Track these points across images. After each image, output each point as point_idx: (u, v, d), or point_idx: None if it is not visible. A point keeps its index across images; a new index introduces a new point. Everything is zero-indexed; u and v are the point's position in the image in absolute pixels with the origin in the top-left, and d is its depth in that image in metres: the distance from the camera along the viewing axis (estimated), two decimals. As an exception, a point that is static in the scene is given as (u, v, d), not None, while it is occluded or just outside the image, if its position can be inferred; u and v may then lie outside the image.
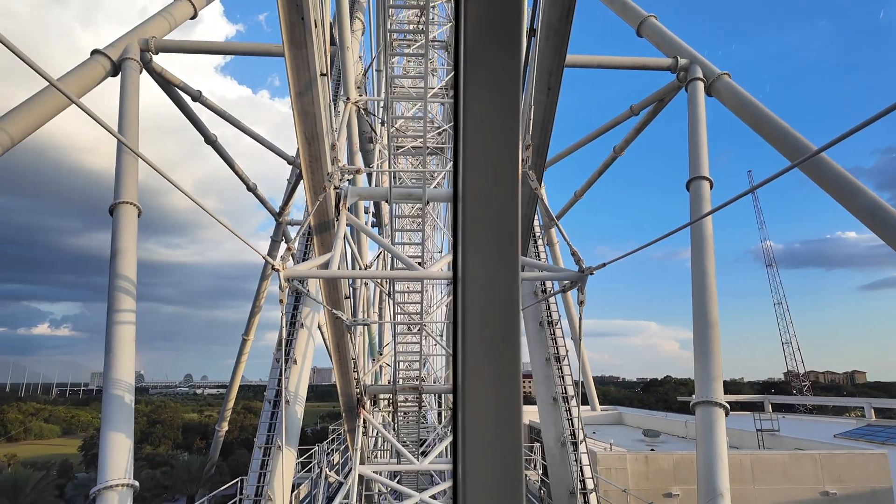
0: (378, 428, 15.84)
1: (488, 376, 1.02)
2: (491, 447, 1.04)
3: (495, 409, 1.02)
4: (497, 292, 1.01)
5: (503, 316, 1.01)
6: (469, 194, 1.01)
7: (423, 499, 13.29)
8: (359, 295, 17.30)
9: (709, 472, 10.82)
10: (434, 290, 32.67)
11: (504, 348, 1.02)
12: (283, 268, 7.73)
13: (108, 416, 10.41)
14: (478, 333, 1.02)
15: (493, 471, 1.03)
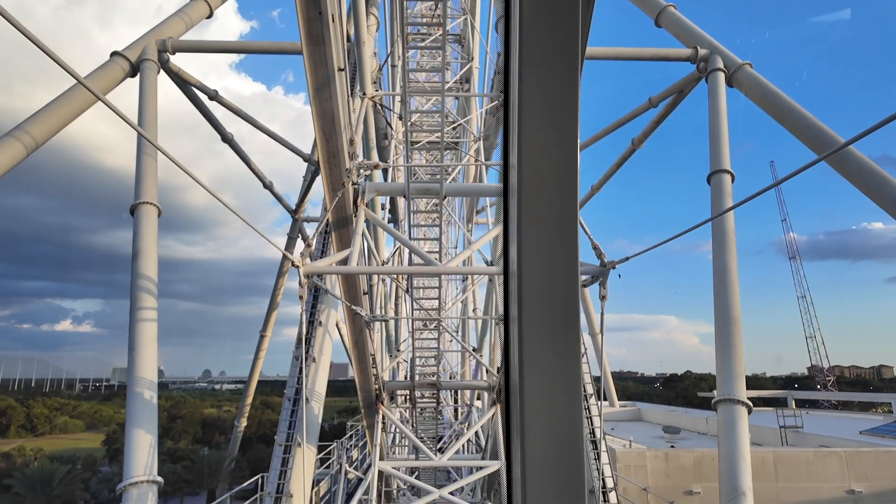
0: (397, 423, 15.93)
1: (548, 377, 0.98)
2: (552, 450, 1.00)
3: (556, 411, 0.99)
4: (557, 287, 0.97)
5: (563, 312, 0.98)
6: (525, 185, 0.97)
7: (442, 495, 13.35)
8: (376, 292, 17.38)
9: (731, 470, 10.67)
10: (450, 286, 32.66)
11: (565, 346, 0.99)
12: (303, 264, 7.75)
13: (132, 414, 10.59)
14: (536, 331, 0.98)
15: (554, 475, 0.99)
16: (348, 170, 9.33)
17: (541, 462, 1.00)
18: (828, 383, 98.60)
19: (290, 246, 39.73)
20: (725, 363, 12.29)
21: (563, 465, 0.99)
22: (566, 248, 0.98)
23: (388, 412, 15.36)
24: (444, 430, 25.48)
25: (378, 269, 12.18)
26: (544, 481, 0.98)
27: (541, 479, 0.98)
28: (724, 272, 13.49)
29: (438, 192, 11.67)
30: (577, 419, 1.00)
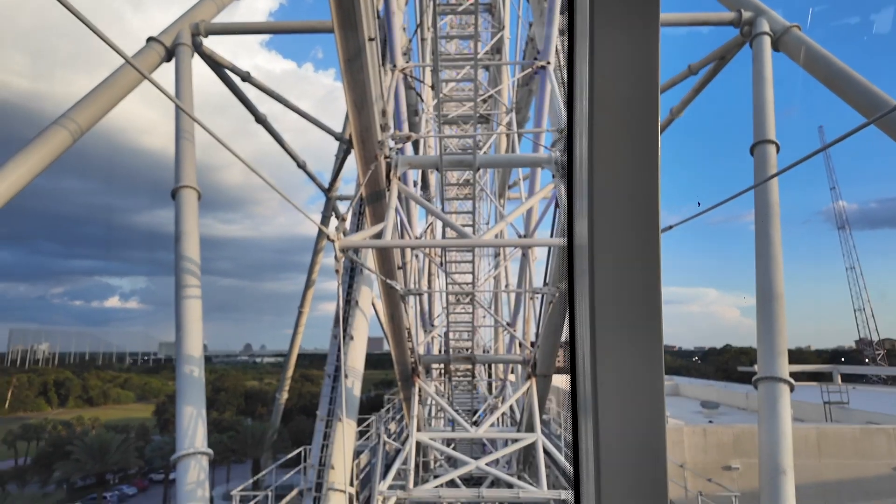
0: (433, 396, 16.26)
1: (626, 361, 0.91)
2: (630, 444, 0.92)
3: (634, 400, 0.91)
4: (636, 259, 0.91)
5: (643, 290, 0.91)
6: (598, 151, 0.89)
7: (478, 466, 13.63)
8: (409, 267, 17.58)
9: (771, 449, 10.50)
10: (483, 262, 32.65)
11: (645, 328, 0.91)
12: (338, 238, 7.86)
13: (181, 390, 11.13)
14: (613, 310, 0.91)
15: (632, 474, 0.91)
16: (381, 142, 9.32)
17: (617, 456, 0.91)
18: (877, 357, 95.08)
19: (325, 224, 40.39)
20: (767, 340, 11.98)
21: (645, 461, 0.90)
22: (647, 217, 0.91)
23: (424, 385, 15.65)
24: (479, 403, 25.83)
25: (412, 243, 12.26)
26: (622, 480, 0.90)
27: (618, 477, 0.90)
28: (766, 246, 13.05)
29: (472, 164, 11.55)
30: (659, 405, 0.92)
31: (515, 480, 14.23)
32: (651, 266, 0.92)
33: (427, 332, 22.25)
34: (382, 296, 12.05)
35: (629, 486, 0.90)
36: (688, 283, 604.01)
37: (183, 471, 10.40)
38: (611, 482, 0.90)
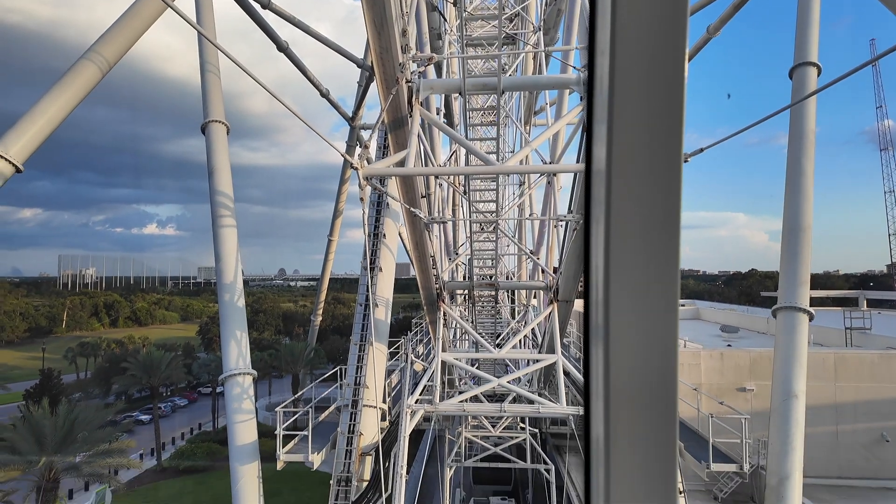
0: (457, 319, 16.86)
1: (640, 289, 0.89)
2: (641, 369, 0.91)
3: (647, 327, 0.90)
4: (654, 190, 0.86)
5: (661, 218, 0.87)
6: (619, 72, 0.85)
7: (501, 383, 14.33)
8: (433, 196, 17.75)
9: (785, 375, 10.86)
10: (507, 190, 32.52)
11: (661, 257, 0.88)
12: (362, 166, 7.90)
13: (224, 316, 12.00)
14: (628, 237, 0.88)
15: (642, 397, 0.91)
16: (401, 64, 9.13)
17: (627, 379, 0.91)
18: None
19: (349, 153, 40.38)
20: (790, 269, 12.00)
21: (655, 385, 0.90)
22: (669, 143, 0.86)
23: (449, 310, 16.30)
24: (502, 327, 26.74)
25: (434, 170, 12.24)
26: (631, 402, 0.91)
27: (628, 400, 0.91)
28: (797, 176, 12.76)
29: (496, 87, 11.27)
30: (672, 332, 0.89)
31: (536, 397, 14.98)
32: (671, 194, 0.87)
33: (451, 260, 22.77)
34: (407, 224, 12.26)
35: (638, 408, 0.92)
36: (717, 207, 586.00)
37: (230, 388, 11.48)
38: (619, 404, 0.92)
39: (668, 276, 0.90)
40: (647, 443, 0.93)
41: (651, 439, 0.93)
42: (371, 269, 12.82)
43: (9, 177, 12.48)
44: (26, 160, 12.59)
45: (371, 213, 14.08)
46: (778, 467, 10.07)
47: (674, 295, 0.90)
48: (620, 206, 0.89)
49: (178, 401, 60.64)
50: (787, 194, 12.73)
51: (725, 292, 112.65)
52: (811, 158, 12.94)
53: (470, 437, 21.81)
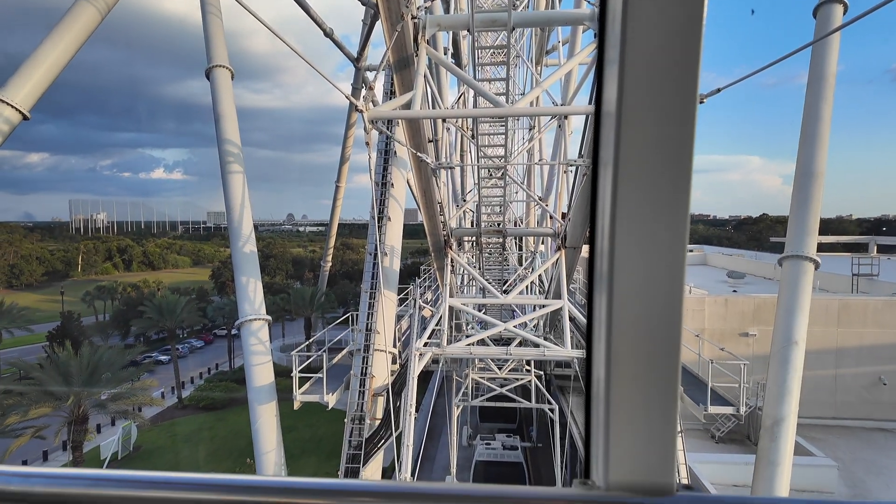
0: (464, 266, 16.94)
1: (646, 235, 0.89)
2: (645, 315, 0.91)
3: (652, 274, 0.89)
4: (666, 133, 0.85)
5: (672, 164, 0.86)
6: (632, 4, 0.83)
7: (507, 328, 14.61)
8: (441, 141, 17.47)
9: (787, 322, 11.03)
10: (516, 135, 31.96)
11: (670, 203, 0.87)
12: (367, 109, 7.77)
13: (238, 264, 12.27)
14: (636, 182, 0.87)
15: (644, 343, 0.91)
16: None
17: (632, 324, 0.92)
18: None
19: (355, 96, 39.57)
20: (799, 218, 11.93)
21: (659, 331, 0.91)
22: (684, 84, 0.84)
23: (457, 256, 16.42)
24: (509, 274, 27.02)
25: (441, 113, 11.93)
26: (634, 347, 0.92)
27: (630, 345, 0.92)
28: (814, 121, 12.45)
29: (506, 23, 10.77)
30: (679, 279, 0.89)
31: (541, 341, 15.28)
32: (684, 138, 0.86)
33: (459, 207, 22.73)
34: (414, 171, 12.15)
35: (640, 354, 0.93)
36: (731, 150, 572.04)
37: (246, 334, 11.91)
38: (621, 349, 0.93)
39: (677, 223, 0.88)
40: (648, 388, 0.93)
41: (652, 384, 0.93)
42: (379, 219, 12.92)
43: (16, 124, 12.46)
44: (32, 107, 12.54)
45: (378, 161, 14.01)
46: (773, 410, 10.45)
47: (682, 243, 0.89)
48: (630, 149, 0.87)
49: (195, 342, 62.74)
50: (802, 140, 12.49)
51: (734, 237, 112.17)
52: (829, 103, 12.58)
53: (477, 378, 22.60)
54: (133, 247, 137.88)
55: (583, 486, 0.98)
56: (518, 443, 23.56)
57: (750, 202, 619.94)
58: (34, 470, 0.98)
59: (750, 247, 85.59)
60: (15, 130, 12.55)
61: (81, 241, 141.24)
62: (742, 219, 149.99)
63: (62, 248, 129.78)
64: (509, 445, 22.60)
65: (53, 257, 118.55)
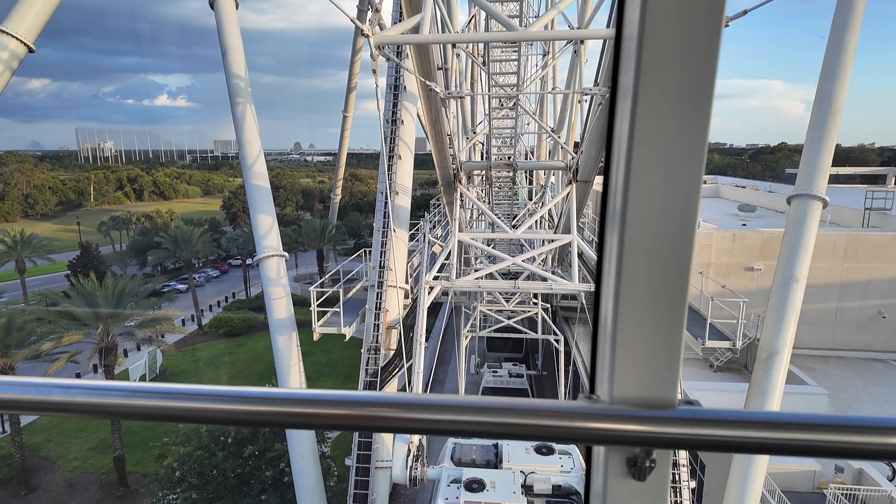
0: (474, 201, 16.91)
1: (662, 167, 0.87)
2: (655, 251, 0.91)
3: (665, 210, 0.89)
4: (689, 59, 0.83)
5: (693, 89, 0.84)
6: None
7: (515, 262, 14.80)
8: (451, 67, 16.88)
9: (790, 259, 11.24)
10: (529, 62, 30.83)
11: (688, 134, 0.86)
12: (373, 33, 7.38)
13: (253, 202, 12.55)
14: (656, 109, 0.85)
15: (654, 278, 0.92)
16: None
17: (643, 260, 0.92)
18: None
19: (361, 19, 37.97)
20: (812, 156, 11.82)
21: (668, 267, 0.92)
22: (709, 6, 0.81)
23: (466, 191, 16.38)
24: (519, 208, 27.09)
25: (452, 38, 11.50)
26: (644, 283, 0.93)
27: (640, 280, 0.92)
28: (837, 53, 11.99)
29: None
30: (692, 214, 0.89)
31: (549, 275, 15.57)
32: (707, 65, 0.84)
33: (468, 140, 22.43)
34: (422, 101, 11.82)
35: (649, 289, 0.94)
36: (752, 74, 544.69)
37: (264, 269, 12.40)
38: (630, 284, 0.94)
39: (695, 157, 0.87)
40: (655, 313, 0.95)
41: (660, 311, 0.94)
42: (389, 158, 12.98)
43: (23, 58, 12.31)
44: (37, 38, 12.35)
45: (388, 96, 13.83)
46: (769, 344, 10.92)
47: (697, 177, 0.88)
48: (651, 76, 0.84)
49: (211, 272, 64.43)
50: (822, 76, 12.12)
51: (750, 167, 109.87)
52: (856, 33, 12.07)
53: (485, 310, 23.36)
54: (143, 176, 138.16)
55: (587, 399, 1.01)
56: (524, 371, 24.62)
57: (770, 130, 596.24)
58: (73, 382, 1.04)
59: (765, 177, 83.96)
60: (15, 60, 12.36)
61: (92, 171, 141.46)
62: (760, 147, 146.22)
63: (73, 178, 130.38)
64: (515, 373, 23.63)
65: (65, 187, 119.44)
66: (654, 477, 0.99)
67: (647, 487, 1.00)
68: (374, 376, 11.97)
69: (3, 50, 11.76)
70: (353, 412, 0.97)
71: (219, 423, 1.03)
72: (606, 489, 1.02)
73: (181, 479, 17.06)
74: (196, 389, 1.00)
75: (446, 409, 0.96)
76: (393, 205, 12.70)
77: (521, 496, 9.15)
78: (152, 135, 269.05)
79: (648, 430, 0.92)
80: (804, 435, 0.89)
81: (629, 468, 0.98)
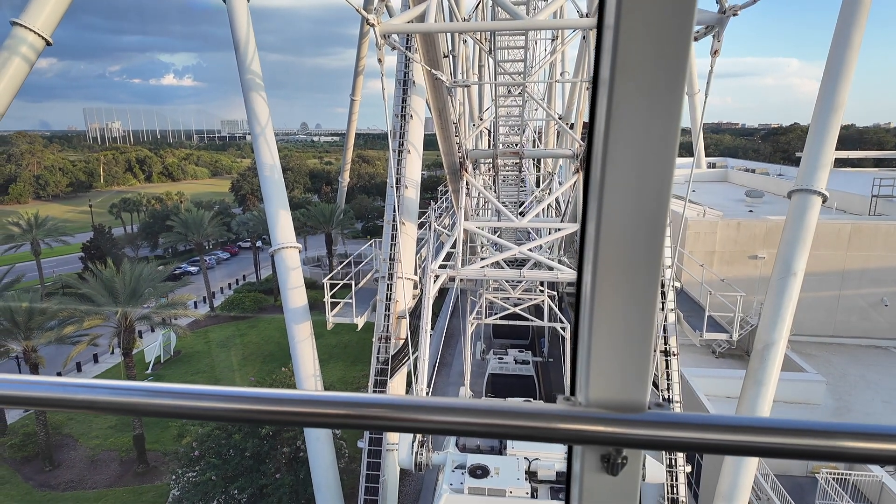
0: (480, 189, 16.92)
1: (637, 145, 0.90)
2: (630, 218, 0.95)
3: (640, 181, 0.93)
4: (663, 43, 0.86)
5: (667, 73, 0.88)
6: None
7: (521, 251, 14.96)
8: (458, 54, 16.77)
9: (789, 253, 11.52)
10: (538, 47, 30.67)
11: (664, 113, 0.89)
12: (378, 22, 7.28)
13: (268, 195, 13.00)
14: (629, 93, 0.89)
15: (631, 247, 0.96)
16: None
17: (617, 228, 0.96)
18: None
19: (369, 3, 37.75)
20: (813, 150, 11.92)
21: (641, 236, 0.96)
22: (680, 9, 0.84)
23: (472, 179, 16.51)
24: (526, 196, 27.18)
25: (459, 27, 11.51)
26: (618, 250, 0.97)
27: (614, 246, 0.97)
28: (841, 49, 12.10)
29: None
30: (666, 191, 0.93)
31: (555, 263, 15.77)
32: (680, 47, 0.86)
33: (475, 127, 22.46)
34: (429, 88, 11.85)
35: (621, 296, 1.00)
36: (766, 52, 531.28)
37: (280, 261, 12.90)
38: (605, 276, 0.99)
39: (667, 142, 0.90)
40: (628, 310, 0.99)
41: (633, 308, 0.99)
42: (399, 152, 13.31)
43: (41, 51, 12.65)
44: (53, 31, 12.64)
45: (397, 91, 14.09)
46: (765, 335, 11.29)
47: (666, 195, 0.92)
48: (626, 67, 0.87)
49: (221, 254, 65.30)
50: (826, 70, 12.23)
51: (762, 149, 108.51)
52: (861, 28, 12.15)
53: (491, 298, 23.70)
54: (152, 157, 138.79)
55: (566, 402, 1.07)
56: (530, 357, 24.89)
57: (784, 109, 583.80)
58: (97, 382, 1.10)
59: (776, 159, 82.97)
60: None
61: (101, 152, 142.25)
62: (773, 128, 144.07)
63: (83, 159, 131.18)
64: (521, 360, 23.83)
65: (76, 168, 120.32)
66: (625, 472, 1.07)
67: (620, 481, 1.08)
68: (385, 364, 12.50)
69: (21, 43, 12.12)
70: (355, 412, 1.05)
71: (231, 422, 1.16)
72: (583, 482, 1.10)
73: (199, 458, 17.84)
74: (213, 391, 1.07)
75: (439, 410, 1.03)
76: (402, 198, 13.07)
77: (524, 482, 9.36)
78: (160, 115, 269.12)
79: (619, 432, 1.00)
80: (761, 438, 0.96)
81: (603, 464, 1.07)
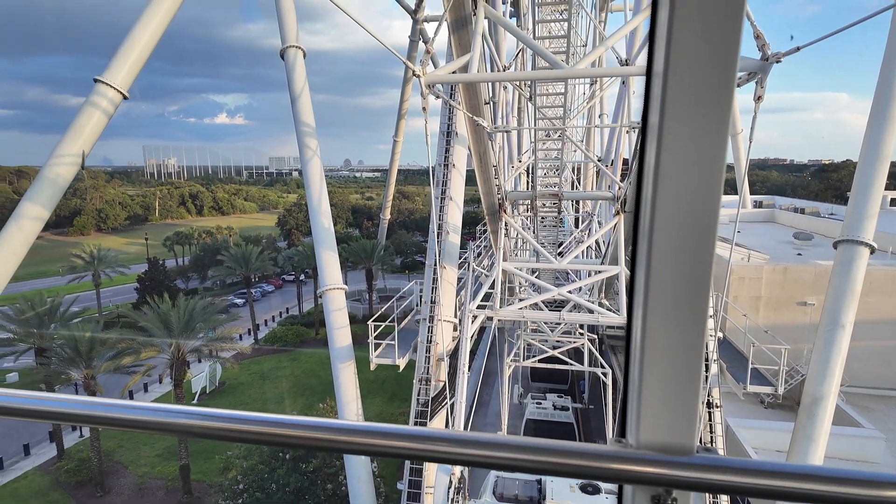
0: (518, 230, 17.05)
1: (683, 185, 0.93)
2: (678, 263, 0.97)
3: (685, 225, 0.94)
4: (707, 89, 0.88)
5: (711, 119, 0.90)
6: None
7: (561, 293, 14.89)
8: (498, 100, 17.18)
9: (836, 305, 11.27)
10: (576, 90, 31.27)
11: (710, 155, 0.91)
12: (424, 73, 7.58)
13: (318, 240, 13.78)
14: (676, 139, 0.91)
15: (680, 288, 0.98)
16: None
17: (667, 272, 0.98)
18: None
19: (412, 49, 39.54)
20: (860, 198, 11.66)
21: (689, 280, 0.97)
22: (726, 41, 0.86)
23: (510, 220, 16.69)
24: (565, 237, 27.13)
25: (499, 76, 11.98)
26: (667, 294, 0.98)
27: (664, 290, 0.98)
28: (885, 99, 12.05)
29: None
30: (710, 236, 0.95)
31: (595, 306, 15.66)
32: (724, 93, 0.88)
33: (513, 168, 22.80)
34: (470, 133, 12.34)
35: (671, 344, 1.02)
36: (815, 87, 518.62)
37: (327, 301, 13.53)
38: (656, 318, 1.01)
39: (711, 201, 0.92)
40: (677, 355, 1.02)
41: (682, 353, 1.02)
42: (441, 199, 13.89)
43: (118, 104, 13.96)
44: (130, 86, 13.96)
45: (441, 142, 14.79)
46: (814, 389, 11.00)
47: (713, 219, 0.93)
48: (675, 108, 0.89)
49: (266, 287, 67.45)
50: (870, 123, 12.15)
51: (812, 186, 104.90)
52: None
53: (529, 340, 23.49)
54: (203, 192, 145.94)
55: (617, 443, 1.10)
56: (569, 403, 24.07)
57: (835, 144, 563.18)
58: (138, 404, 1.20)
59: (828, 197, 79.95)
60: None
61: (157, 187, 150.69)
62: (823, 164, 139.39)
63: (140, 194, 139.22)
64: (560, 406, 23.09)
65: (133, 202, 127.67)
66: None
67: None
68: (425, 406, 12.76)
69: (102, 98, 13.44)
70: (410, 444, 1.09)
71: (284, 447, 1.19)
72: None
73: (243, 491, 18.33)
74: (246, 416, 1.14)
75: (483, 445, 1.07)
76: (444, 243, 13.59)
77: None
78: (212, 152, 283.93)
79: (670, 474, 1.03)
80: (810, 485, 0.96)
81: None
